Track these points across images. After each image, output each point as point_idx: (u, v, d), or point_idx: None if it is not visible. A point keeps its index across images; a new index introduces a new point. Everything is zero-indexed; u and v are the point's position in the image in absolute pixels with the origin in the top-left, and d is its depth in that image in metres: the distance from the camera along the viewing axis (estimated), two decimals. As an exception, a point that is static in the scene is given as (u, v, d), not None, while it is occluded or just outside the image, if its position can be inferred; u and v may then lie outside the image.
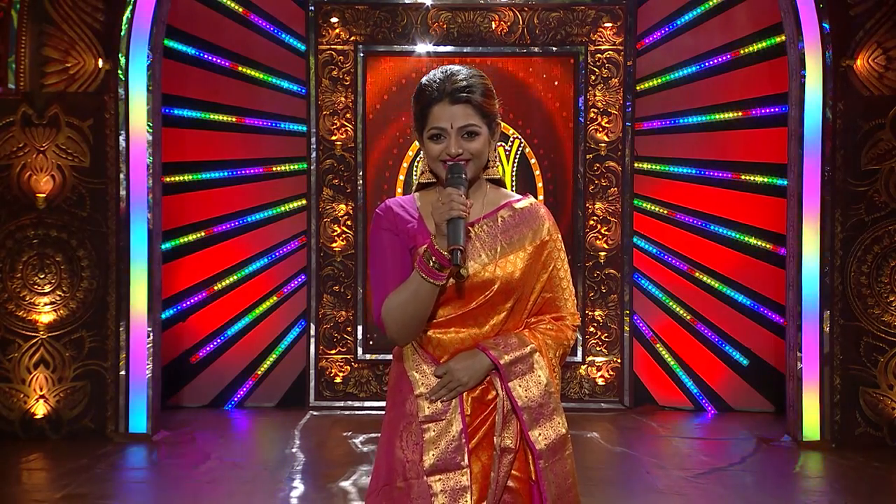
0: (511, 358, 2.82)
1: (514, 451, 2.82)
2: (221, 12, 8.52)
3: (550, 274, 2.93)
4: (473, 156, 2.84)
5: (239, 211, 8.61)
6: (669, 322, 8.60)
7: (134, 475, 6.94)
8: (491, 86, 2.90)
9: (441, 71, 2.87)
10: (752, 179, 8.44)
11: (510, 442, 2.81)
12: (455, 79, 2.83)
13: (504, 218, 2.91)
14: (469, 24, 8.50)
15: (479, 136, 2.84)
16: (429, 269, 2.75)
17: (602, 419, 8.22)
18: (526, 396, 2.81)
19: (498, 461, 2.80)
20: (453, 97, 2.81)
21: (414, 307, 2.79)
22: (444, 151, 2.82)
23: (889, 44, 7.36)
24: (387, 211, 2.91)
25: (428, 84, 2.86)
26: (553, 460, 2.81)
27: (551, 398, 2.83)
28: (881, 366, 7.42)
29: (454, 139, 2.82)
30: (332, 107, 8.54)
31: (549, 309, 2.94)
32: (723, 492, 6.45)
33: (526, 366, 2.83)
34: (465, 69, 2.88)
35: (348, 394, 8.57)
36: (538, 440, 2.80)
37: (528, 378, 2.82)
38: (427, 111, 2.84)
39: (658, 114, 8.56)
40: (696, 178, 8.55)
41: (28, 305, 7.46)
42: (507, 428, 2.81)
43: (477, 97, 2.83)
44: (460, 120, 2.82)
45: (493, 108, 2.89)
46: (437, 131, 2.84)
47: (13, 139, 7.43)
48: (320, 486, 6.38)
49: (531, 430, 2.80)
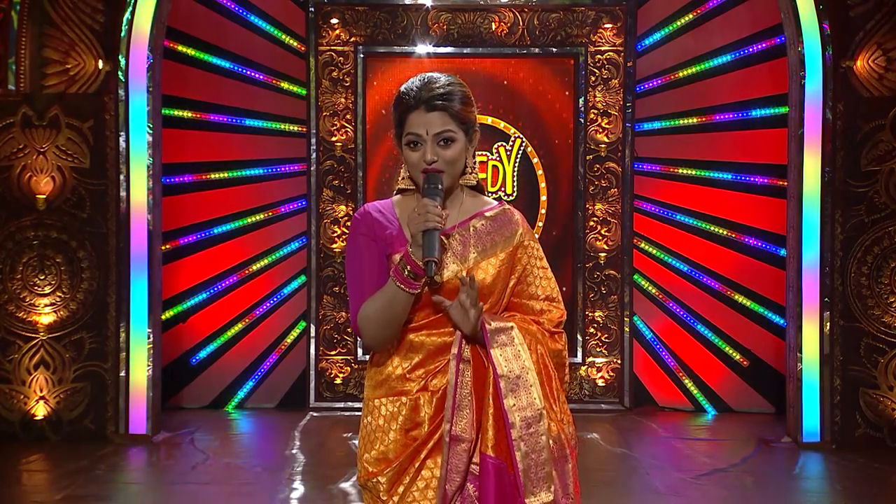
0: (496, 326, 2.84)
1: (469, 442, 2.81)
2: (221, 13, 8.52)
3: (521, 279, 2.96)
4: (448, 163, 2.86)
5: (239, 211, 8.61)
6: (669, 323, 8.60)
7: (134, 476, 6.94)
8: (469, 94, 2.91)
9: (419, 78, 2.89)
10: (752, 180, 8.44)
11: (464, 431, 2.80)
12: (432, 86, 2.85)
13: (476, 227, 2.93)
14: (469, 25, 8.50)
15: (455, 144, 2.86)
16: (404, 278, 2.79)
17: (602, 420, 8.21)
18: (506, 367, 2.81)
19: (448, 450, 2.80)
20: (430, 104, 2.84)
21: (389, 314, 2.82)
22: (421, 159, 2.85)
23: (889, 45, 7.36)
24: (365, 216, 2.94)
25: (406, 91, 2.88)
26: (526, 433, 2.79)
27: (529, 374, 2.83)
28: (881, 367, 7.42)
29: (430, 146, 2.84)
30: (332, 108, 8.54)
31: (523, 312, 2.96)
32: (723, 493, 6.45)
33: (507, 337, 2.84)
34: (444, 77, 2.89)
35: (348, 395, 8.56)
36: (511, 409, 2.79)
37: (508, 349, 2.83)
38: (404, 118, 2.87)
39: (658, 114, 8.57)
40: (696, 178, 8.55)
41: (28, 307, 7.46)
42: (459, 415, 2.81)
43: (454, 105, 2.85)
44: (436, 127, 2.84)
45: (471, 115, 2.90)
46: (413, 138, 2.86)
47: (13, 140, 7.43)
48: (320, 487, 6.38)
49: (506, 398, 2.80)
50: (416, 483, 2.83)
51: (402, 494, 2.83)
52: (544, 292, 2.98)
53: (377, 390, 2.91)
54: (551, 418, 2.86)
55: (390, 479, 2.84)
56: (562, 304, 3.02)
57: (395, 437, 2.85)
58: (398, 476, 2.84)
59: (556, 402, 2.91)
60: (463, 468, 2.81)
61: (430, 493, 2.82)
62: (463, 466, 2.80)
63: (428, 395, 2.86)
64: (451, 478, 2.80)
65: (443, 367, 2.87)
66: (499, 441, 2.80)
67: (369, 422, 2.90)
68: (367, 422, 2.91)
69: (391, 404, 2.87)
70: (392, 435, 2.85)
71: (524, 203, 8.47)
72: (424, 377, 2.87)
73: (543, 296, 2.98)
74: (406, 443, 2.84)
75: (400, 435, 2.85)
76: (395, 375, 2.89)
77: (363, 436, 2.92)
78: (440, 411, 2.84)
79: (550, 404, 2.88)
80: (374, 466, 2.85)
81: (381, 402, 2.89)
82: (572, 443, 2.91)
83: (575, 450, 2.92)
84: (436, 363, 2.88)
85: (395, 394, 2.88)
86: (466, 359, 2.84)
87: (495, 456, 2.80)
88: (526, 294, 2.97)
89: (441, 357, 2.88)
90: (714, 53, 8.48)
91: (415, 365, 2.88)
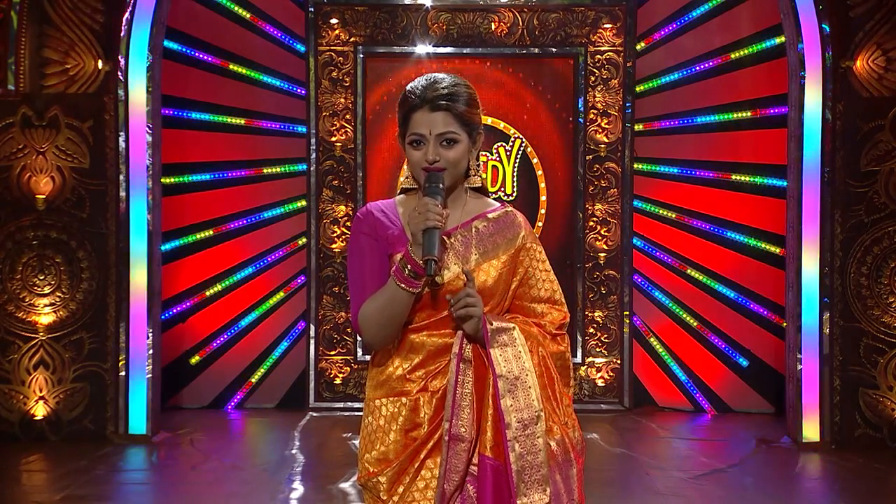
0: (497, 326, 2.84)
1: (468, 441, 2.80)
2: (221, 13, 8.52)
3: (523, 281, 2.95)
4: (450, 164, 2.85)
5: (239, 212, 8.61)
6: (669, 323, 8.60)
7: (134, 476, 6.94)
8: (475, 95, 2.91)
9: (425, 78, 2.90)
10: (752, 180, 8.44)
11: (464, 430, 2.80)
12: (437, 86, 2.85)
13: (478, 228, 2.93)
14: (469, 25, 8.50)
15: (457, 145, 2.86)
16: (404, 277, 2.79)
17: (602, 420, 8.22)
18: (505, 368, 2.81)
19: (447, 449, 2.79)
20: (434, 104, 2.84)
21: (390, 313, 2.82)
22: (423, 158, 2.85)
23: (889, 45, 7.36)
24: (367, 215, 2.94)
25: (411, 91, 2.88)
26: (522, 434, 2.79)
27: (529, 376, 2.82)
28: (881, 367, 7.42)
29: (432, 146, 2.84)
30: (331, 108, 8.54)
31: (525, 314, 2.95)
32: (722, 493, 6.45)
33: (508, 338, 2.84)
34: (450, 77, 2.90)
35: (348, 395, 8.56)
36: (507, 410, 2.79)
37: (508, 350, 2.83)
38: (408, 117, 2.87)
39: (658, 115, 8.56)
40: (696, 178, 8.55)
41: (28, 307, 7.46)
42: (459, 415, 2.81)
43: (458, 105, 2.85)
44: (439, 127, 2.84)
45: (475, 117, 2.90)
46: (416, 137, 2.86)
47: (13, 140, 7.43)
48: (320, 488, 6.39)
49: (503, 398, 2.79)
50: (416, 483, 2.83)
51: (402, 494, 2.83)
52: (546, 294, 2.98)
53: (378, 391, 2.91)
54: (554, 421, 2.86)
55: (390, 478, 2.84)
56: (564, 307, 3.02)
57: (395, 438, 2.85)
58: (398, 476, 2.84)
59: (560, 405, 2.90)
60: (462, 468, 2.80)
61: (429, 493, 2.82)
62: (462, 466, 2.80)
63: (428, 396, 2.86)
64: (449, 477, 2.80)
65: (443, 369, 2.87)
66: (497, 442, 2.80)
67: (370, 422, 2.90)
68: (367, 422, 2.92)
69: (391, 405, 2.88)
70: (392, 435, 2.85)
71: (524, 203, 8.47)
72: (425, 378, 2.87)
73: (545, 298, 2.97)
74: (406, 443, 2.85)
75: (400, 435, 2.85)
76: (395, 376, 2.89)
77: (364, 436, 2.92)
78: (440, 412, 2.84)
79: (553, 408, 2.87)
80: (374, 466, 2.86)
81: (381, 402, 2.89)
82: (578, 448, 2.90)
83: (581, 455, 2.91)
84: (436, 364, 2.88)
85: (396, 394, 2.88)
86: (468, 358, 2.84)
87: (493, 457, 2.80)
88: (528, 296, 2.96)
89: (441, 358, 2.87)
90: (714, 53, 8.48)
91: (415, 366, 2.88)
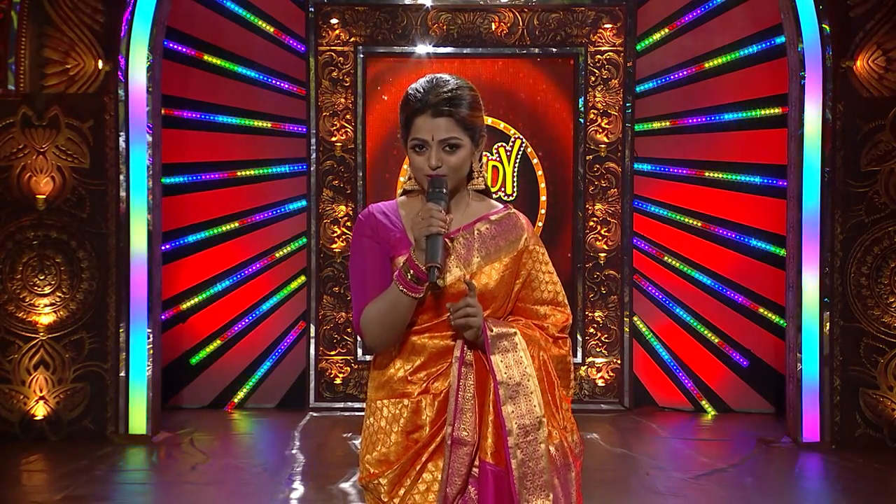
0: (498, 331, 2.83)
1: (471, 445, 2.79)
2: (221, 13, 8.52)
3: (526, 283, 2.94)
4: (452, 169, 2.83)
5: (239, 212, 8.61)
6: (669, 323, 8.60)
7: (134, 476, 6.94)
8: (478, 97, 2.88)
9: (427, 80, 2.86)
10: (752, 180, 8.44)
11: (466, 434, 2.79)
12: (440, 90, 2.82)
13: (481, 231, 2.91)
14: (469, 26, 8.50)
15: (460, 150, 2.84)
16: (407, 282, 2.78)
17: (602, 420, 8.21)
18: (506, 374, 2.80)
19: (450, 452, 2.78)
20: (436, 109, 2.80)
21: (392, 317, 2.81)
22: (425, 163, 2.82)
23: (889, 45, 7.36)
24: (369, 217, 2.92)
25: (413, 94, 2.85)
26: (524, 440, 2.78)
27: (530, 381, 2.81)
28: (881, 367, 7.42)
29: (434, 151, 2.82)
30: (331, 108, 8.54)
31: (528, 317, 2.95)
32: (722, 493, 6.45)
33: (509, 343, 2.83)
34: (453, 79, 2.86)
35: (348, 395, 8.56)
36: (509, 416, 2.78)
37: (509, 356, 2.82)
38: (411, 121, 2.84)
39: (658, 115, 8.56)
40: (696, 178, 8.55)
41: (28, 307, 7.46)
42: (461, 418, 2.80)
43: (461, 110, 2.82)
44: (442, 133, 2.81)
45: (478, 120, 2.87)
46: (418, 142, 2.83)
47: (13, 140, 7.43)
48: (320, 488, 6.38)
49: (504, 405, 2.79)
50: (418, 485, 2.83)
51: (403, 496, 2.82)
52: (549, 296, 2.97)
53: (379, 392, 2.91)
54: (553, 426, 2.85)
55: (391, 480, 2.83)
56: (567, 309, 3.01)
57: (396, 440, 2.85)
58: (399, 478, 2.83)
59: (559, 409, 2.89)
60: (464, 471, 2.80)
61: (430, 495, 2.81)
62: (464, 469, 2.80)
63: (429, 398, 2.85)
64: (451, 480, 2.79)
65: (445, 371, 2.86)
66: (498, 448, 2.79)
67: (371, 423, 2.90)
68: (369, 423, 2.91)
69: (393, 406, 2.87)
70: (394, 437, 2.85)
71: (524, 203, 8.47)
72: (426, 380, 2.86)
73: (548, 300, 2.96)
74: (407, 445, 2.84)
75: (401, 437, 2.84)
76: (396, 377, 2.88)
77: (365, 437, 2.92)
78: (442, 414, 2.83)
79: (553, 412, 2.86)
80: (375, 468, 2.85)
81: (382, 403, 2.89)
82: (576, 451, 2.90)
83: (579, 458, 2.91)
84: (438, 366, 2.87)
85: (397, 396, 2.87)
86: (469, 362, 2.83)
87: (494, 463, 2.79)
88: (531, 299, 2.95)
89: (443, 360, 2.87)
90: (714, 53, 8.48)
91: (416, 367, 2.87)
